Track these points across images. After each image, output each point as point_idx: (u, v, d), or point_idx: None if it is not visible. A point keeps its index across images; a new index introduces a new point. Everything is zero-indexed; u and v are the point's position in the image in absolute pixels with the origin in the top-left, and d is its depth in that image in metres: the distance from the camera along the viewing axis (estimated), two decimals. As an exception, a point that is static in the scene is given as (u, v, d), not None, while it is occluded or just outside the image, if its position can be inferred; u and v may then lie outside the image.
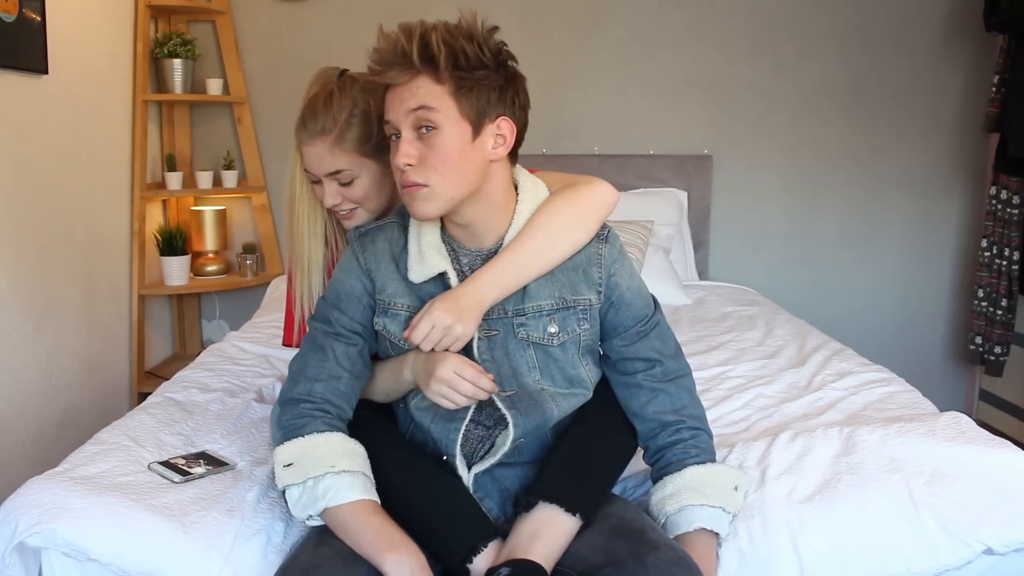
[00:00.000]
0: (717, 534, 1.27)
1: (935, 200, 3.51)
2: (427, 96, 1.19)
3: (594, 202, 1.32)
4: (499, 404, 1.28)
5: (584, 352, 1.34)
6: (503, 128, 1.25)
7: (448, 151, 1.20)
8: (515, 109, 1.26)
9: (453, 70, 1.18)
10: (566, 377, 1.32)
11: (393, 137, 1.24)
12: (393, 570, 1.12)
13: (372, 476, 1.24)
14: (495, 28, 1.24)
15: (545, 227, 1.28)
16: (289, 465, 1.22)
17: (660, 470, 1.33)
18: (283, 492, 1.23)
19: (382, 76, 1.21)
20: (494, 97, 1.22)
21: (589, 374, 1.35)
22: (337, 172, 1.42)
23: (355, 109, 1.40)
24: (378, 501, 1.21)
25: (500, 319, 1.30)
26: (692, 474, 1.29)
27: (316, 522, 1.22)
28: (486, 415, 1.32)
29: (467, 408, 1.29)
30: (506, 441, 1.28)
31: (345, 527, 1.18)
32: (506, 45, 1.25)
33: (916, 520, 1.29)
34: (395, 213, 1.39)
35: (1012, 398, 3.27)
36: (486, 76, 1.21)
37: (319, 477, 1.19)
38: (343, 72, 1.47)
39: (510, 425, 1.27)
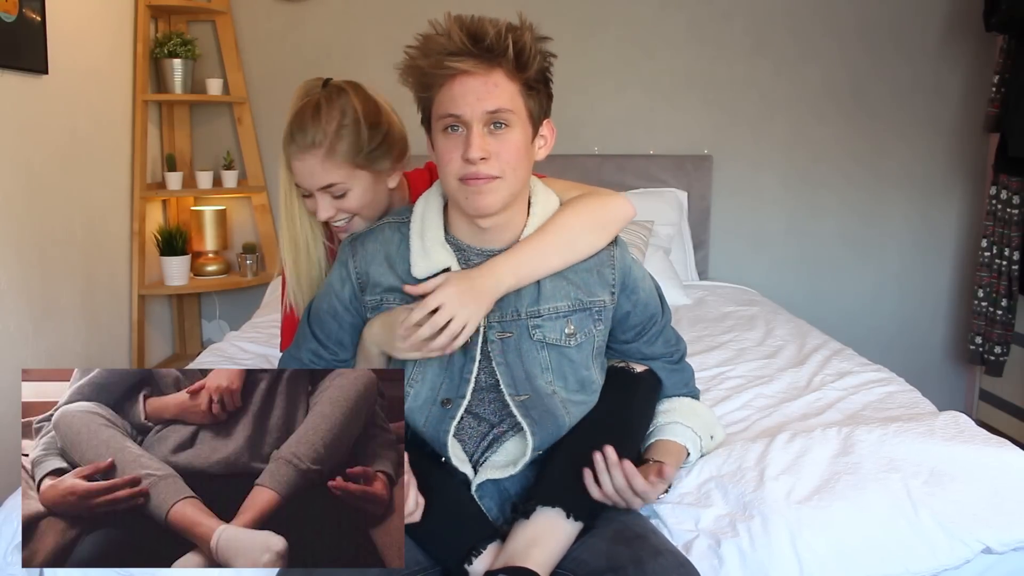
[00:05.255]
0: (688, 452, 1.42)
1: (935, 200, 3.51)
2: (505, 96, 1.20)
3: (615, 214, 1.36)
4: (514, 411, 1.28)
5: (596, 354, 1.35)
6: (546, 131, 1.29)
7: (518, 148, 1.23)
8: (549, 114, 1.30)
9: (525, 71, 1.21)
10: (578, 379, 1.32)
11: (450, 129, 1.22)
12: None
13: None
14: (545, 37, 1.26)
15: (567, 226, 1.31)
16: None
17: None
18: None
19: (457, 64, 1.18)
20: (546, 101, 1.27)
21: (598, 377, 1.36)
22: (330, 186, 1.38)
23: (344, 119, 1.36)
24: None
25: (514, 321, 1.30)
26: (687, 403, 1.46)
27: None
28: (489, 411, 1.32)
29: (456, 407, 1.29)
30: (526, 452, 1.28)
31: None
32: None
33: (915, 519, 1.29)
34: (391, 214, 1.39)
35: (1012, 398, 3.27)
36: (545, 81, 1.25)
37: None
38: (327, 81, 1.42)
39: (528, 435, 1.28)
